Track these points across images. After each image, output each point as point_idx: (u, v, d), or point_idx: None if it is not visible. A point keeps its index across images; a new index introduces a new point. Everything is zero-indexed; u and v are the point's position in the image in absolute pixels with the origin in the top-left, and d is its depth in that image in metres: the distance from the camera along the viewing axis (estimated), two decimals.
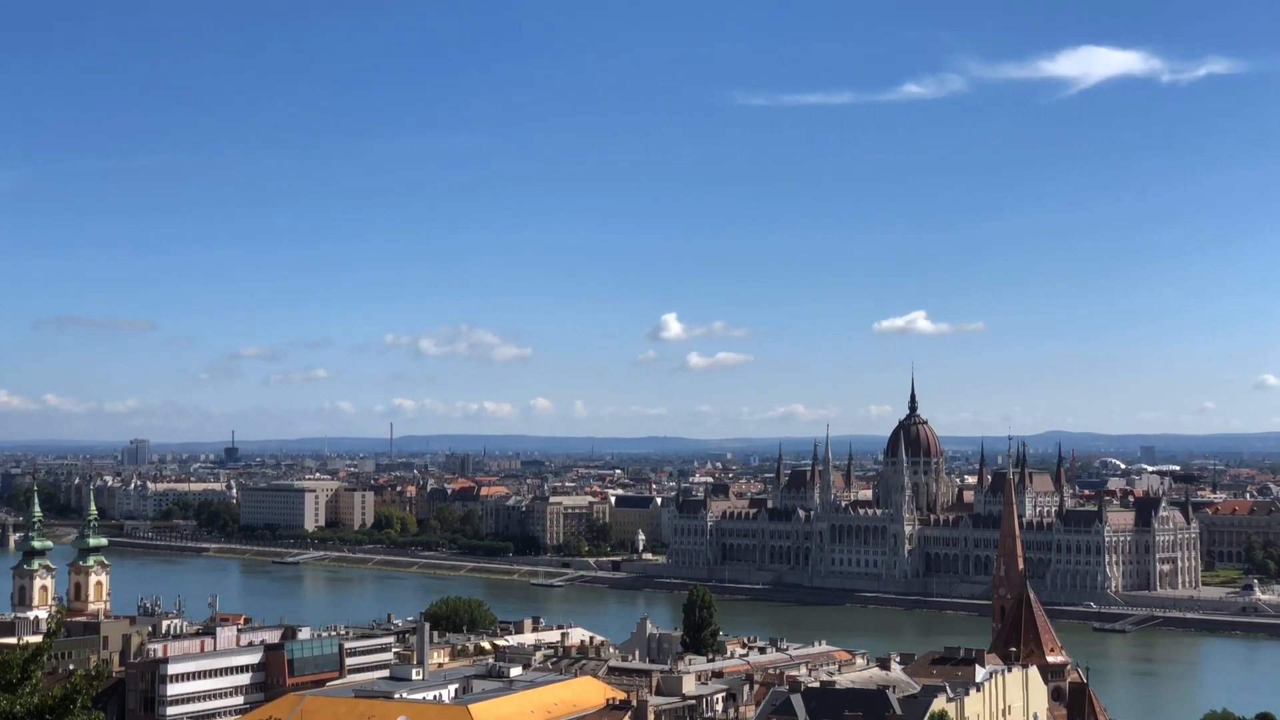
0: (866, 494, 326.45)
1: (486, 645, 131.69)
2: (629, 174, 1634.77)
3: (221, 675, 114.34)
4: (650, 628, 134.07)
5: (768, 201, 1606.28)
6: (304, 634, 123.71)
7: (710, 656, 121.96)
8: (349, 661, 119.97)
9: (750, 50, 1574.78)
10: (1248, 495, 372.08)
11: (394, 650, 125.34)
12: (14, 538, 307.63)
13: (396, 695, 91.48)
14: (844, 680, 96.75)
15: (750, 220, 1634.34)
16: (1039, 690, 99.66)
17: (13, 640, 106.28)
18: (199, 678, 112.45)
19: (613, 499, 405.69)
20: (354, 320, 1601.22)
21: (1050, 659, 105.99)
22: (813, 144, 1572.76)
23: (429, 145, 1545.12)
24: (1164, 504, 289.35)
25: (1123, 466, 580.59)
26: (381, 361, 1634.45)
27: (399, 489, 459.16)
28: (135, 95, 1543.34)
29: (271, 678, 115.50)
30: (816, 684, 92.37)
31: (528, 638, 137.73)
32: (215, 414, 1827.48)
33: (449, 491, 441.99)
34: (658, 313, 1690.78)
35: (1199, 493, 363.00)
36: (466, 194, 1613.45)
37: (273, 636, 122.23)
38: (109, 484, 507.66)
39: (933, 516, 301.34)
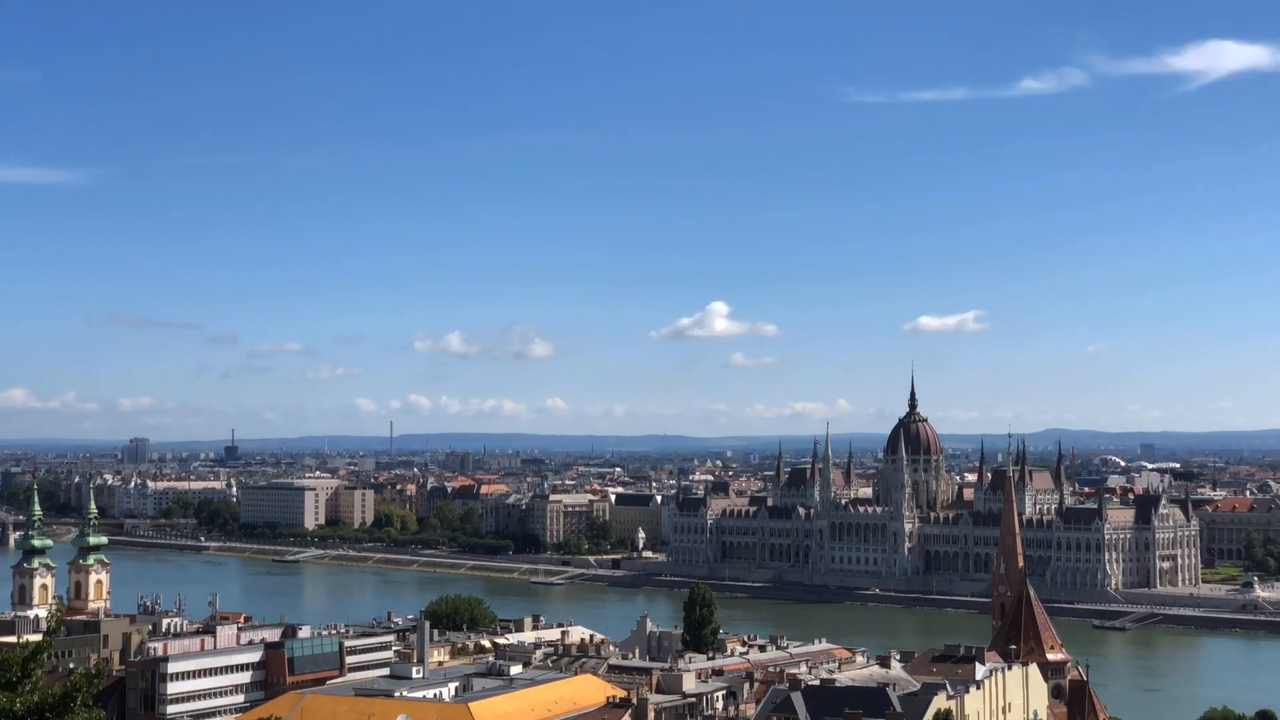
0: (866, 492, 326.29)
1: (487, 643, 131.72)
2: (728, 172, 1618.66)
3: (222, 674, 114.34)
4: (650, 626, 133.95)
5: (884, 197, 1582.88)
6: (304, 632, 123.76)
7: (710, 654, 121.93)
8: (349, 660, 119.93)
9: (865, 47, 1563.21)
10: (1247, 492, 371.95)
11: (394, 649, 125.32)
12: (14, 536, 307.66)
13: (397, 694, 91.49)
14: (844, 678, 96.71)
15: (860, 217, 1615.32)
16: (1039, 688, 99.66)
17: (13, 639, 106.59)
18: (199, 676, 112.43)
19: (613, 497, 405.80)
20: (387, 316, 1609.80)
21: (1050, 657, 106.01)
22: (926, 140, 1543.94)
23: (534, 141, 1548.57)
24: (1164, 501, 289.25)
25: (1123, 464, 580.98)
26: (406, 359, 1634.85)
27: (399, 487, 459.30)
28: (155, 92, 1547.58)
29: (272, 676, 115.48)
30: (817, 682, 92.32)
31: (528, 636, 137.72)
32: (238, 410, 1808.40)
33: (449, 490, 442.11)
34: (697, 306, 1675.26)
35: (1199, 490, 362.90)
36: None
37: (273, 635, 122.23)
38: (109, 482, 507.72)
39: (933, 514, 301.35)
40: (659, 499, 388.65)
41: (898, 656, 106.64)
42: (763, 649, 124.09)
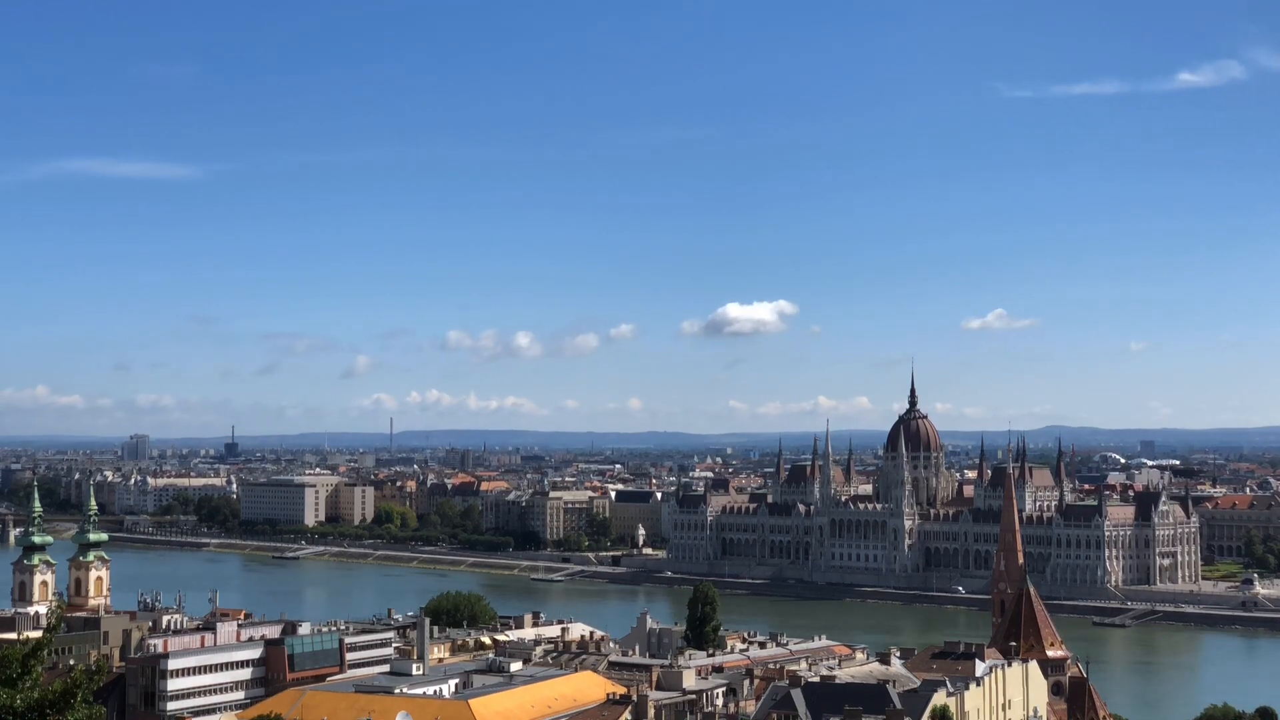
0: (866, 489, 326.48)
1: (487, 640, 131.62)
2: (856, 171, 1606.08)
3: (222, 670, 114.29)
4: (650, 622, 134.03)
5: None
6: (304, 629, 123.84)
7: (710, 651, 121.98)
8: (349, 656, 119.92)
9: (1015, 40, 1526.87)
10: (1248, 489, 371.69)
11: (394, 645, 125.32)
12: (14, 533, 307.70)
13: (397, 690, 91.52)
14: (844, 675, 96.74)
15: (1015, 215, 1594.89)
16: (1039, 685, 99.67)
17: (13, 635, 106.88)
18: (199, 673, 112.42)
19: (613, 494, 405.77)
20: (429, 313, 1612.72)
21: (1050, 653, 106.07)
22: (1078, 134, 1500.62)
23: (684, 136, 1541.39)
24: (1164, 498, 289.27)
25: (1123, 461, 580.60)
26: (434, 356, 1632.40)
27: (399, 484, 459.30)
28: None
29: (272, 673, 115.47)
30: (816, 679, 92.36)
31: (528, 633, 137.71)
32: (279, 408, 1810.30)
33: (449, 487, 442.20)
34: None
35: (1199, 487, 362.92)
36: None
37: (273, 631, 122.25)
38: (109, 479, 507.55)
39: (933, 511, 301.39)
40: (659, 496, 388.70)
41: (898, 653, 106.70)
42: (763, 646, 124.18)
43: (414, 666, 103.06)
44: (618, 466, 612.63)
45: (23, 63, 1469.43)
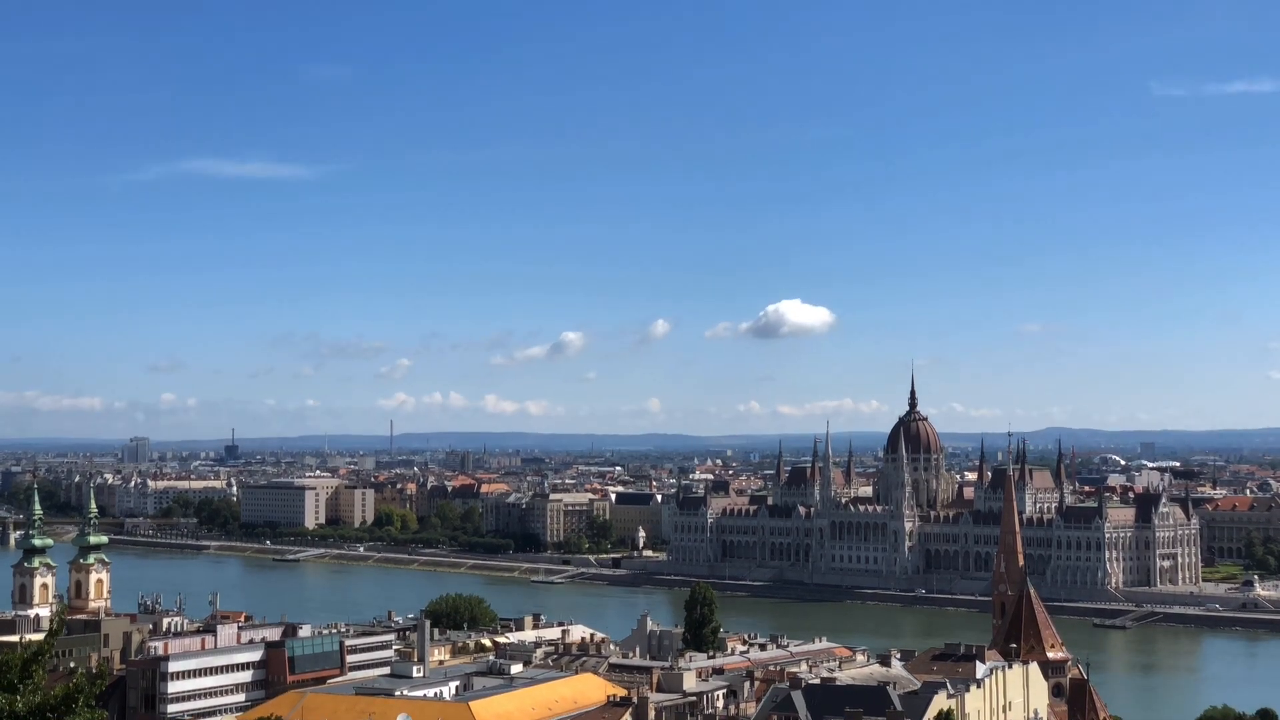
0: (867, 491, 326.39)
1: (487, 642, 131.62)
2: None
3: (222, 673, 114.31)
4: (651, 625, 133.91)
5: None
6: (305, 631, 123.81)
7: (711, 653, 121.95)
8: (350, 659, 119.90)
9: (1170, 38, 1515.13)
10: (1248, 491, 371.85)
11: (395, 648, 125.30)
12: (14, 535, 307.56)
13: (397, 692, 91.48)
14: (844, 677, 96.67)
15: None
16: (1039, 686, 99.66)
17: (14, 639, 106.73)
18: (200, 675, 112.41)
19: (613, 496, 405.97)
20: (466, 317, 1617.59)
21: (1051, 655, 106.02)
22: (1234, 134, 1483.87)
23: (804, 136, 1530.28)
24: (1164, 500, 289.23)
25: (1123, 463, 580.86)
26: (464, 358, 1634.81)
27: (399, 486, 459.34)
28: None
29: (272, 675, 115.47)
30: (817, 680, 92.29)
31: (528, 635, 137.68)
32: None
33: (449, 489, 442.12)
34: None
35: (1199, 489, 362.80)
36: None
37: (273, 634, 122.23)
38: (109, 482, 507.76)
39: (933, 513, 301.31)
40: (659, 498, 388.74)
41: (898, 655, 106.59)
42: (763, 648, 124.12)
43: (414, 669, 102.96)
44: (618, 469, 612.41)
45: (151, 65, 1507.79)
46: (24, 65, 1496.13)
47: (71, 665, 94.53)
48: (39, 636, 29.84)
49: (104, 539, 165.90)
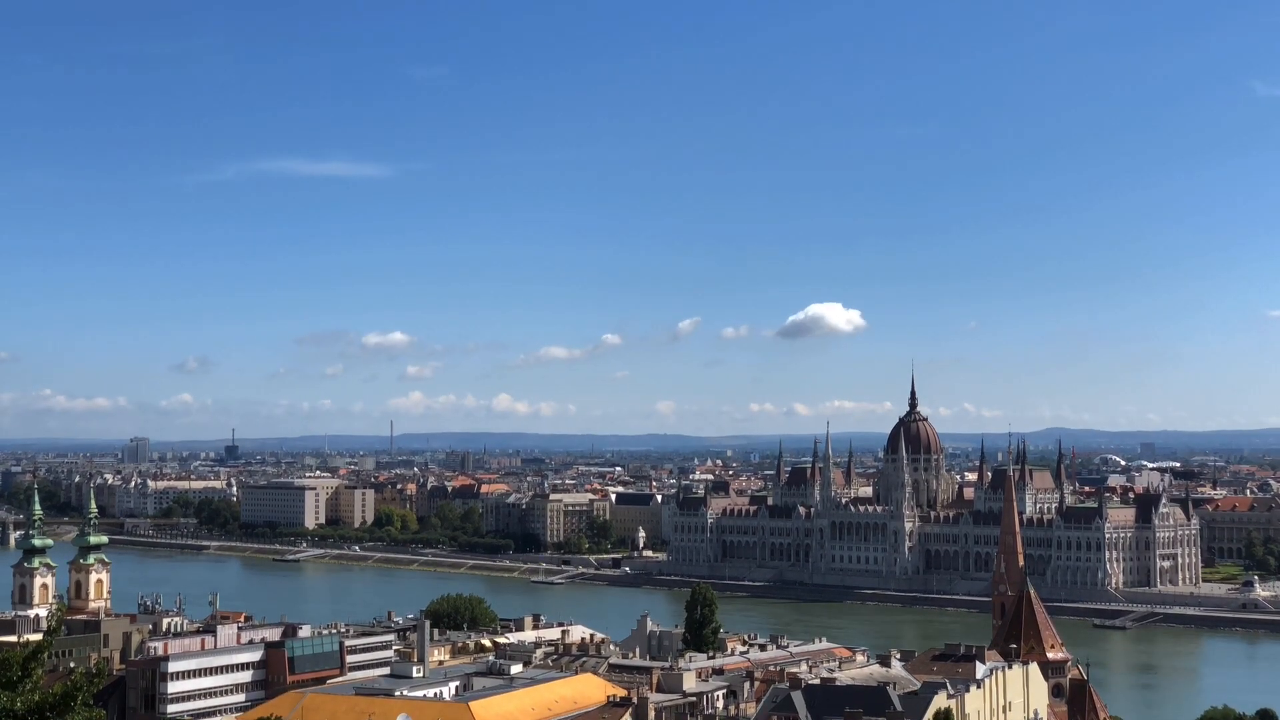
0: (867, 491, 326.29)
1: (487, 643, 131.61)
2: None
3: (222, 673, 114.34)
4: (651, 625, 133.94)
5: None
6: (304, 632, 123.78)
7: (711, 654, 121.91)
8: (350, 659, 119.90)
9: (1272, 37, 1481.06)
10: (1248, 492, 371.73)
11: (395, 648, 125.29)
12: (14, 535, 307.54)
13: (397, 693, 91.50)
14: (844, 677, 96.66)
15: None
16: (1039, 687, 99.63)
17: (13, 638, 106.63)
18: (200, 675, 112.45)
19: (613, 496, 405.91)
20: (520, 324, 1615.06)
21: (1051, 656, 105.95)
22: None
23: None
24: (1164, 500, 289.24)
25: (1123, 463, 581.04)
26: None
27: (399, 487, 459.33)
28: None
29: (272, 675, 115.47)
30: (817, 681, 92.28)
31: (528, 635, 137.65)
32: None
33: (449, 489, 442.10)
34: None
35: (1199, 489, 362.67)
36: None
37: (273, 634, 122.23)
38: (109, 482, 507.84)
39: (933, 513, 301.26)
40: (659, 498, 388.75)
41: (898, 655, 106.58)
42: (763, 648, 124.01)
43: (414, 669, 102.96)
44: (618, 469, 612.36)
45: (234, 66, 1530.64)
46: (112, 67, 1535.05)
47: (71, 665, 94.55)
48: (39, 636, 29.78)
49: (104, 539, 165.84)
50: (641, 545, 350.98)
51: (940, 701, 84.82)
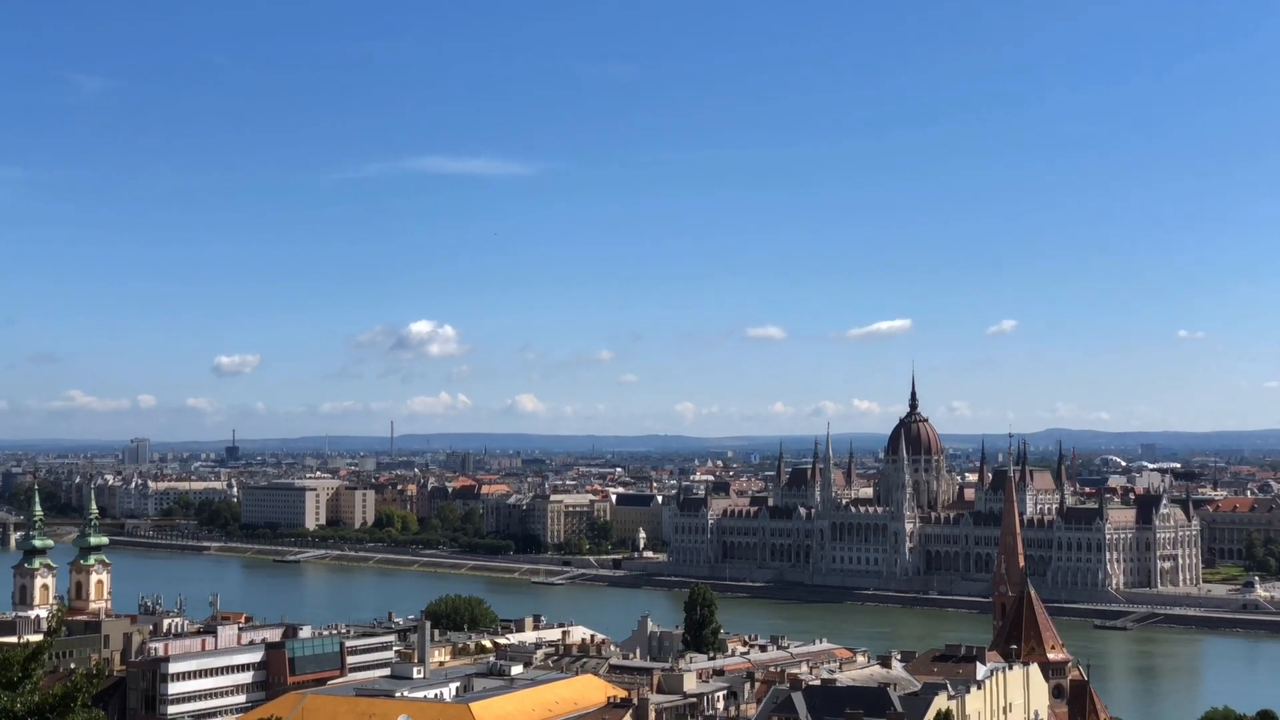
0: (867, 492, 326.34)
1: (487, 644, 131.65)
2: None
3: (223, 674, 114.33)
4: (651, 626, 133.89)
5: None
6: (305, 633, 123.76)
7: (711, 654, 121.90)
8: (350, 660, 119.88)
9: None
10: (1249, 492, 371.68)
11: (395, 649, 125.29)
12: (15, 536, 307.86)
13: (398, 694, 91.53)
14: (845, 678, 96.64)
15: None
16: (1040, 688, 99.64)
17: (14, 639, 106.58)
18: (200, 676, 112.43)
19: (613, 497, 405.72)
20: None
21: (1051, 656, 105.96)
22: None
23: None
24: (1165, 501, 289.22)
25: (1123, 464, 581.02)
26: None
27: (400, 487, 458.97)
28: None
29: (273, 676, 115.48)
30: (817, 682, 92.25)
31: (528, 636, 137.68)
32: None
33: (449, 490, 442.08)
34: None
35: (1200, 490, 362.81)
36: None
37: (274, 635, 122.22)
38: (110, 483, 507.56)
39: (933, 514, 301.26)
40: (660, 499, 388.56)
41: (899, 656, 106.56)
42: (763, 649, 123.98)
43: (415, 670, 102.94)
44: (618, 470, 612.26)
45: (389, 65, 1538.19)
46: (257, 69, 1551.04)
47: (71, 666, 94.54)
48: (39, 637, 29.74)
49: (104, 540, 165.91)
50: (642, 546, 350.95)
51: (941, 702, 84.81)
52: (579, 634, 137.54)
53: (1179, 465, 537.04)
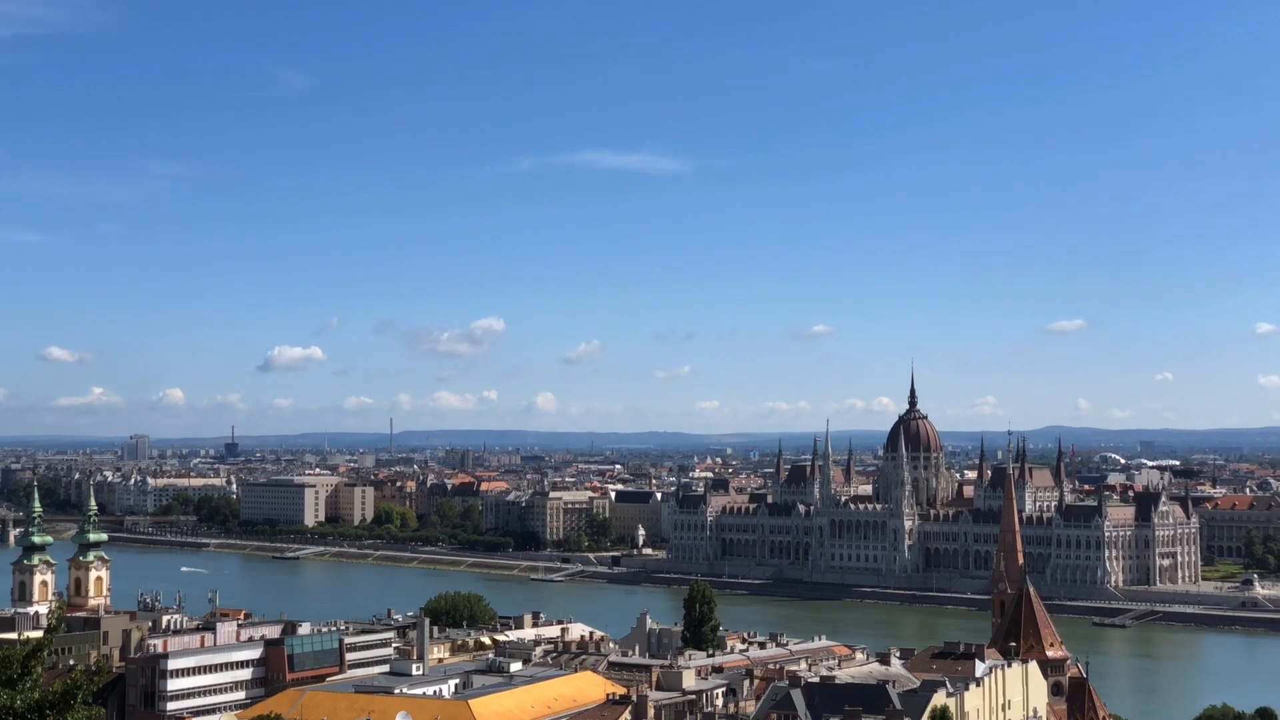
0: (866, 489, 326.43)
1: (486, 640, 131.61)
2: None
3: (222, 670, 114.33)
4: (650, 623, 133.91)
5: None
6: (304, 629, 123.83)
7: (710, 652, 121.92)
8: (349, 657, 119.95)
9: None
10: (1247, 490, 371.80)
11: (394, 645, 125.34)
12: (14, 533, 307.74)
13: (397, 690, 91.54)
14: (844, 675, 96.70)
15: None
16: (1039, 685, 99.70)
17: (13, 635, 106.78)
18: (199, 673, 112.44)
19: (613, 494, 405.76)
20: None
21: (1050, 654, 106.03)
22: None
23: None
24: (1164, 499, 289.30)
25: (1123, 461, 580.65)
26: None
27: (399, 484, 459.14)
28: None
29: (272, 673, 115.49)
30: (816, 679, 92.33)
31: (528, 633, 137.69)
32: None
33: (449, 487, 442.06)
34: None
35: (1199, 488, 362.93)
36: None
37: (273, 632, 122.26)
38: (109, 479, 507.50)
39: (933, 511, 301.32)
40: (659, 496, 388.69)
41: (897, 654, 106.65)
42: (763, 646, 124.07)
43: (414, 667, 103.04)
44: (617, 467, 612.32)
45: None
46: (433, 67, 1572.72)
47: (71, 662, 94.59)
48: (39, 634, 29.77)
49: (103, 536, 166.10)
50: (641, 543, 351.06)
51: (939, 699, 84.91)
52: (578, 631, 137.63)
53: (1178, 463, 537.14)
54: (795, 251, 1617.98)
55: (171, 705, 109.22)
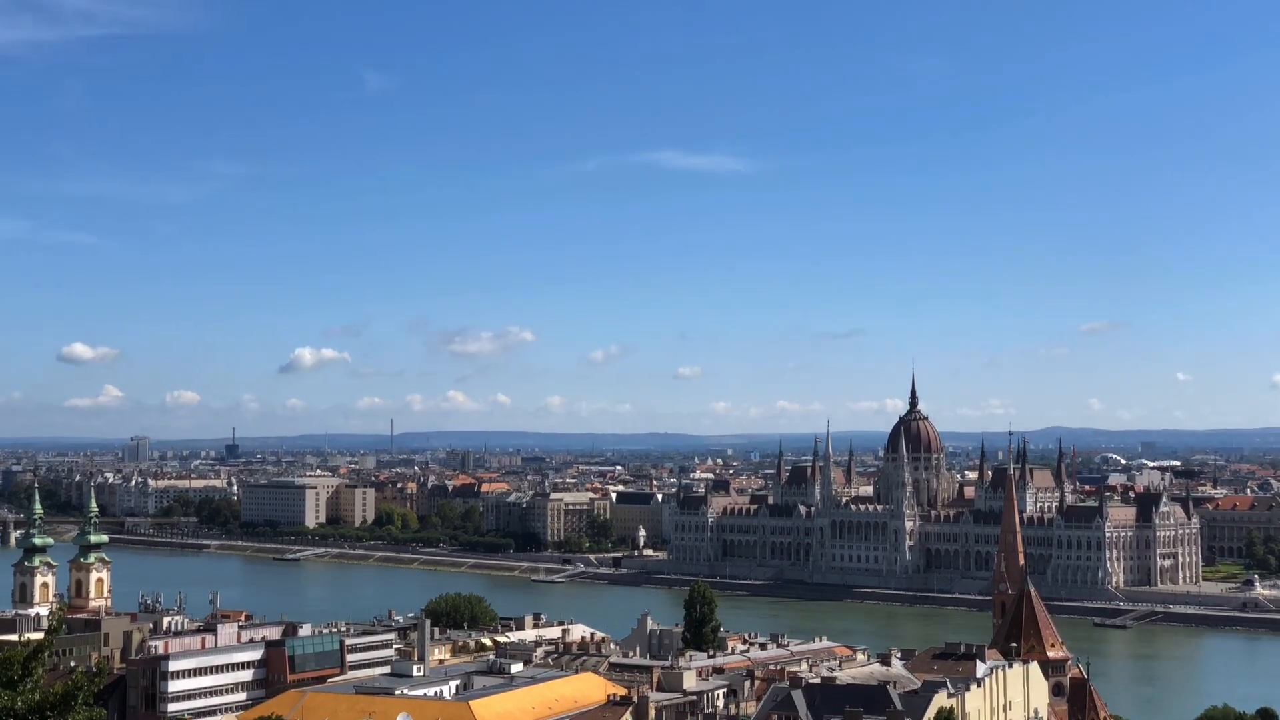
0: (867, 490, 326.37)
1: (487, 642, 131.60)
2: None
3: (223, 672, 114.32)
4: (651, 624, 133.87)
5: None
6: (305, 630, 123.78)
7: (711, 652, 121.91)
8: (350, 658, 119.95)
9: None
10: (1248, 491, 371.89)
11: (395, 647, 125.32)
12: (15, 535, 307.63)
13: (398, 692, 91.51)
14: (845, 676, 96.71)
15: None
16: (1040, 686, 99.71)
17: (14, 637, 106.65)
18: (200, 674, 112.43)
19: (614, 495, 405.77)
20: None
21: (1051, 654, 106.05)
22: None
23: None
24: (1165, 499, 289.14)
25: (1123, 462, 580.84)
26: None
27: (400, 485, 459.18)
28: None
29: (273, 674, 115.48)
30: (817, 680, 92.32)
31: (528, 634, 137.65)
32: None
33: (450, 488, 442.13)
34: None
35: (1200, 488, 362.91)
36: None
37: (274, 633, 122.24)
38: (110, 481, 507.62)
39: (933, 512, 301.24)
40: (660, 497, 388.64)
41: (898, 654, 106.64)
42: (763, 647, 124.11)
43: (415, 668, 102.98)
44: (618, 468, 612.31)
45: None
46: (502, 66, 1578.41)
47: (72, 664, 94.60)
48: (39, 635, 29.77)
49: (104, 538, 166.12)
50: (642, 544, 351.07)
51: (941, 700, 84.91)
52: (579, 632, 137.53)
53: (1179, 463, 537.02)
54: (812, 254, 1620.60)
55: (172, 707, 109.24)
